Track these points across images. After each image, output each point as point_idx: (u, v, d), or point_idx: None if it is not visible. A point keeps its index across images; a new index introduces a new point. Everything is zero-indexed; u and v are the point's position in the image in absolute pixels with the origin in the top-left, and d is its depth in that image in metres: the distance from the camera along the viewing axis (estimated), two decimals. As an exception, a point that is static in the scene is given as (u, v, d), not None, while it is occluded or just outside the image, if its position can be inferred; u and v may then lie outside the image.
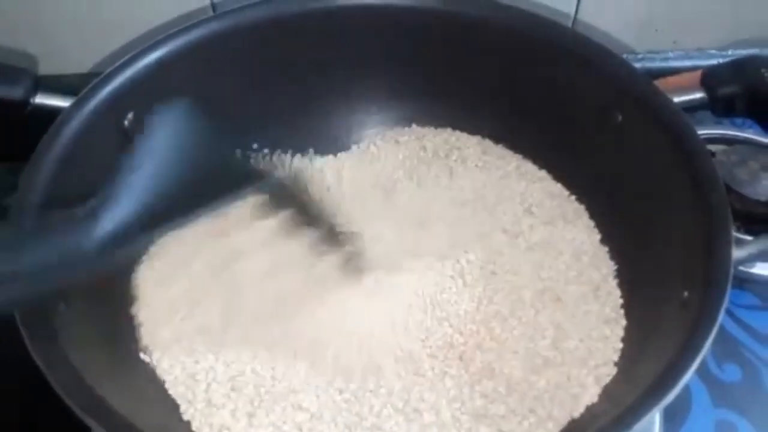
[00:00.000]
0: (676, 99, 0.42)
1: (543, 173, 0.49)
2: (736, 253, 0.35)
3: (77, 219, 0.32)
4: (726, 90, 0.41)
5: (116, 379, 0.35)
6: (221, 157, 0.37)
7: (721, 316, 0.32)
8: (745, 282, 0.50)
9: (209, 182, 0.35)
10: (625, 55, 0.57)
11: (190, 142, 0.35)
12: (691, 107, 0.42)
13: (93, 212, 0.31)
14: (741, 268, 0.50)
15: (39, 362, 0.32)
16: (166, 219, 0.33)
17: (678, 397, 0.44)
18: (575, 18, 0.57)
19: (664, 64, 0.60)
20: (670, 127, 0.41)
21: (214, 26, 0.46)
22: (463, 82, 0.49)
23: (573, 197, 0.48)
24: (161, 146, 0.34)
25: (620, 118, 0.44)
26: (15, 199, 0.38)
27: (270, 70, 0.48)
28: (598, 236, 0.46)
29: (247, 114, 0.48)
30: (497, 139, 0.50)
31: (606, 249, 0.45)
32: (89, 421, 0.31)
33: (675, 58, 0.61)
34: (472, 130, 0.51)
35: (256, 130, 0.49)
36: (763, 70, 0.40)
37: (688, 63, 0.59)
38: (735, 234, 0.44)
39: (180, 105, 0.36)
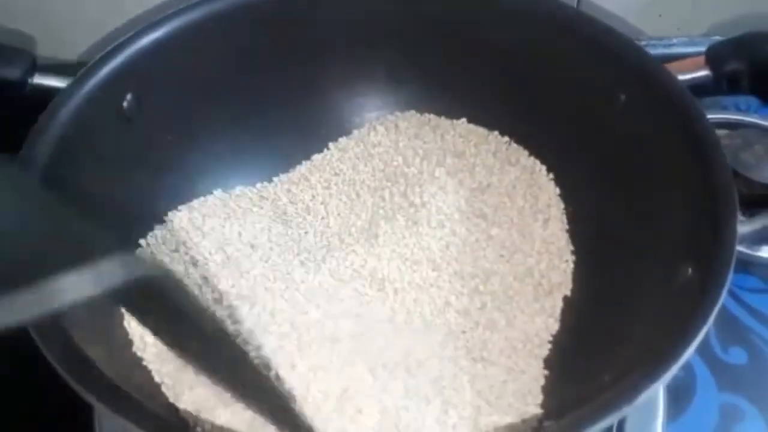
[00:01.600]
0: (681, 77, 0.42)
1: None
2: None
3: None
4: (730, 67, 0.41)
5: (114, 358, 0.35)
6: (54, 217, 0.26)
7: (727, 286, 0.32)
8: (750, 265, 0.50)
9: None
10: (629, 40, 0.57)
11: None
12: (695, 85, 0.42)
13: None
14: (746, 251, 0.50)
15: (37, 339, 0.32)
16: None
17: (682, 381, 0.45)
18: (578, 4, 0.57)
19: (668, 51, 0.60)
20: (674, 105, 0.40)
21: (213, 7, 0.46)
22: (463, 65, 0.49)
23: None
24: None
25: (623, 97, 0.43)
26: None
27: (270, 50, 0.48)
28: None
29: (245, 95, 0.48)
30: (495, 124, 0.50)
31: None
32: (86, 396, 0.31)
33: (679, 45, 0.60)
34: (471, 116, 0.51)
35: (252, 113, 0.48)
36: (767, 46, 0.39)
37: (692, 49, 0.59)
38: (740, 217, 0.43)
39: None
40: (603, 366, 0.37)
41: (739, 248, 0.49)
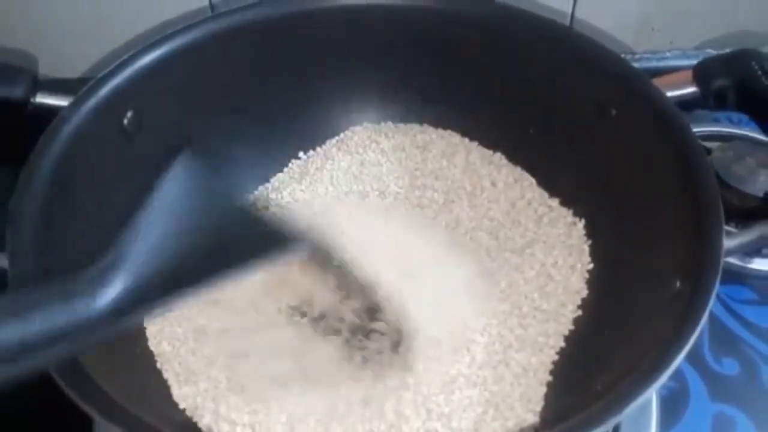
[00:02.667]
0: (669, 93, 0.42)
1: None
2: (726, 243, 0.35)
3: (82, 283, 0.29)
4: (718, 83, 0.41)
5: (116, 368, 0.36)
6: (236, 216, 0.33)
7: (713, 299, 0.32)
8: (743, 277, 0.50)
9: (226, 245, 0.31)
10: (622, 55, 0.58)
11: (201, 199, 0.32)
12: (683, 101, 0.42)
13: (100, 275, 0.28)
14: (739, 263, 0.50)
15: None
16: (180, 285, 0.29)
17: (676, 391, 0.45)
18: (572, 19, 0.58)
19: (661, 64, 0.61)
20: (661, 120, 0.41)
21: (213, 26, 0.47)
22: (457, 80, 0.50)
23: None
24: (171, 205, 0.31)
25: (614, 112, 0.44)
26: (14, 200, 0.39)
27: (267, 69, 0.49)
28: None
29: (243, 111, 0.49)
30: (487, 137, 0.51)
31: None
32: (88, 410, 0.31)
33: (672, 58, 0.61)
34: (459, 126, 0.51)
35: (250, 128, 0.49)
36: (753, 63, 0.40)
37: (685, 62, 0.59)
38: (731, 229, 0.44)
39: (188, 159, 0.33)
40: (596, 375, 0.38)
41: (732, 260, 0.50)
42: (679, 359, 0.31)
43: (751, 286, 0.50)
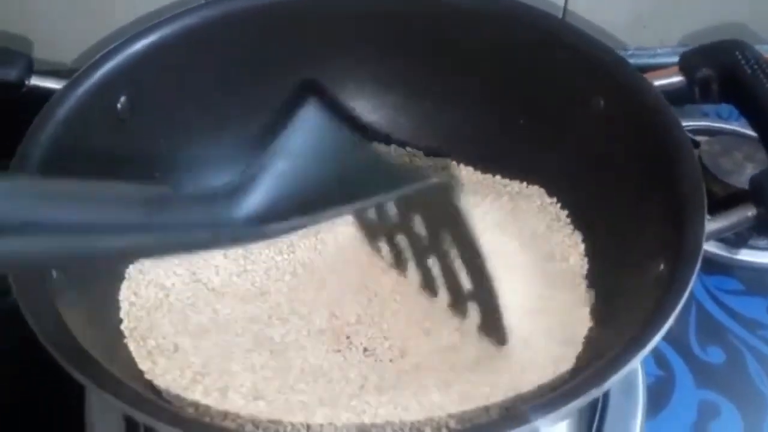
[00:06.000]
0: (656, 83, 0.43)
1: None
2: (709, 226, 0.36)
3: (224, 191, 0.31)
4: (702, 73, 0.42)
5: (102, 342, 0.36)
6: (365, 155, 0.37)
7: (692, 282, 0.33)
8: (730, 268, 0.51)
9: (356, 179, 0.34)
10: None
11: (327, 140, 0.34)
12: (670, 93, 0.43)
13: (241, 187, 0.31)
14: (726, 254, 0.51)
15: (27, 316, 0.33)
16: (313, 209, 0.32)
17: (663, 379, 0.46)
18: (564, 12, 0.58)
19: (651, 61, 0.61)
20: (648, 109, 0.41)
21: (206, 13, 0.47)
22: (447, 71, 0.50)
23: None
24: (298, 143, 0.34)
25: (602, 102, 0.45)
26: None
27: (260, 57, 0.49)
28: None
29: (236, 99, 0.49)
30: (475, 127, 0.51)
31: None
32: (78, 377, 0.31)
33: (663, 55, 0.62)
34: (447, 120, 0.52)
35: (242, 117, 0.50)
36: (737, 53, 0.41)
37: (675, 59, 0.59)
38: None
39: (315, 102, 0.36)
40: (585, 355, 0.39)
41: (720, 252, 0.51)
42: (658, 337, 0.31)
43: (737, 277, 0.51)
